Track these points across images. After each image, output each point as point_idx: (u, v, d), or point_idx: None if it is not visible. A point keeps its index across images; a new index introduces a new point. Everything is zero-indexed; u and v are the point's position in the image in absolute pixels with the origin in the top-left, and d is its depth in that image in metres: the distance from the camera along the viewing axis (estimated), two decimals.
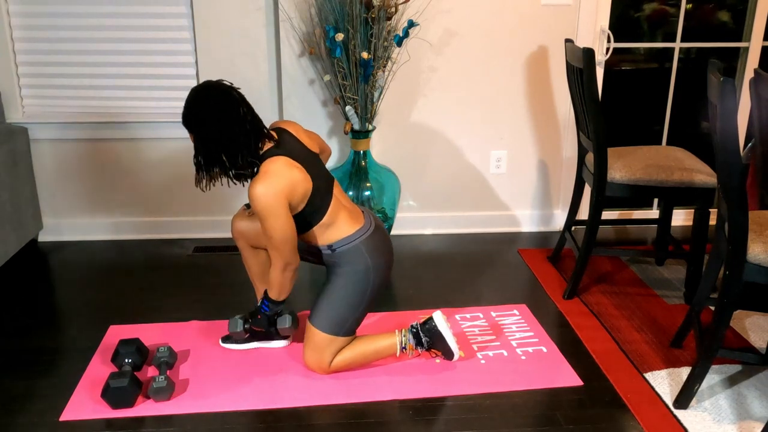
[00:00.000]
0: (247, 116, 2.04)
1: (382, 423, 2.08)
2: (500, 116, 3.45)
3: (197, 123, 2.04)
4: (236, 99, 2.05)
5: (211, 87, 2.04)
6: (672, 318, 2.71)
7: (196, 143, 2.08)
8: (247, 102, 2.09)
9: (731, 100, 1.87)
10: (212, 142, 2.04)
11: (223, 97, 2.03)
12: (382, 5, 2.89)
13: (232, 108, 2.02)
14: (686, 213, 3.78)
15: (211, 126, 2.03)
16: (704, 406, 2.15)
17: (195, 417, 2.09)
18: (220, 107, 2.02)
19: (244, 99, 2.08)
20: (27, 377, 2.30)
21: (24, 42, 3.20)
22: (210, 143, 2.05)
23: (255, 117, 2.09)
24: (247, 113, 2.05)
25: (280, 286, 2.20)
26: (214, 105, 2.02)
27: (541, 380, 2.29)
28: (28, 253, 3.31)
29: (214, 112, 2.02)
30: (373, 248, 2.22)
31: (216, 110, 2.02)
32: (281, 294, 2.23)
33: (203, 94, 2.03)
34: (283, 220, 2.04)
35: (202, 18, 3.17)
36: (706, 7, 3.53)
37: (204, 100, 2.03)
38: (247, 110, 2.06)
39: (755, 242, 1.98)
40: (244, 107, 2.05)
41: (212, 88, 2.04)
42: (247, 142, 2.05)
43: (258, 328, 2.34)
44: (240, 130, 2.03)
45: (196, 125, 2.04)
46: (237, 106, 2.03)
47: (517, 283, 3.02)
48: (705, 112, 3.71)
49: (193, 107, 2.04)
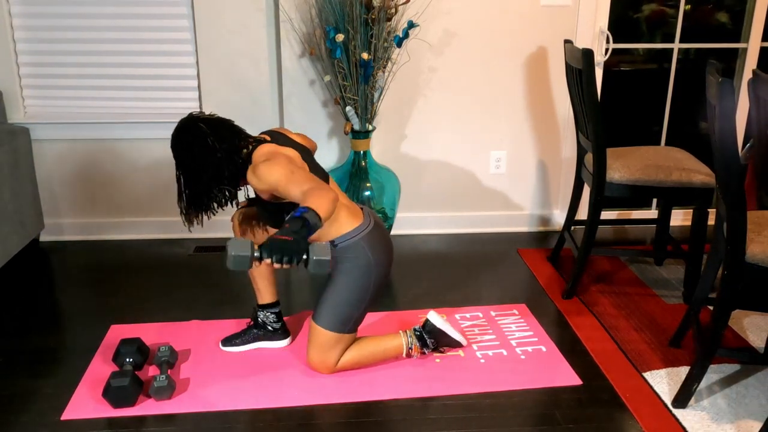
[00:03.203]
0: (215, 144, 2.10)
1: (382, 422, 2.09)
2: (500, 117, 3.46)
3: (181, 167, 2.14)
4: (202, 132, 2.10)
5: (180, 129, 2.13)
6: (671, 318, 2.72)
7: (183, 184, 2.15)
8: (217, 124, 2.13)
9: (730, 100, 1.88)
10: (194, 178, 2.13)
11: (190, 135, 2.10)
12: (383, 6, 2.90)
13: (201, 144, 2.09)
14: (685, 213, 3.79)
15: (190, 166, 2.12)
16: (703, 405, 2.16)
17: (196, 416, 2.10)
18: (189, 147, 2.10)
19: (212, 124, 2.12)
20: (28, 376, 2.31)
21: (26, 42, 3.21)
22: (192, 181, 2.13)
23: (227, 138, 2.12)
24: (216, 140, 2.10)
25: (330, 205, 1.88)
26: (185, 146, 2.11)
27: (541, 379, 2.30)
28: (30, 253, 3.31)
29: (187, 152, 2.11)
30: (375, 244, 2.24)
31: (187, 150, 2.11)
32: (327, 212, 1.87)
33: (174, 141, 2.14)
34: (302, 171, 2.04)
35: (203, 19, 3.18)
36: (705, 8, 3.54)
37: (175, 148, 2.13)
38: (215, 138, 2.10)
39: (754, 242, 1.99)
40: (210, 137, 2.10)
41: (180, 131, 2.13)
42: (219, 169, 2.11)
43: (284, 237, 1.78)
44: (212, 160, 2.10)
45: (183, 169, 2.14)
46: (204, 138, 2.10)
47: (516, 283, 3.03)
48: (704, 113, 3.72)
49: (174, 154, 2.15)
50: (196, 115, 2.14)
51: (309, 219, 1.81)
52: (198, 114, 2.16)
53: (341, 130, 3.40)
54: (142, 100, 3.33)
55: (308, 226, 1.81)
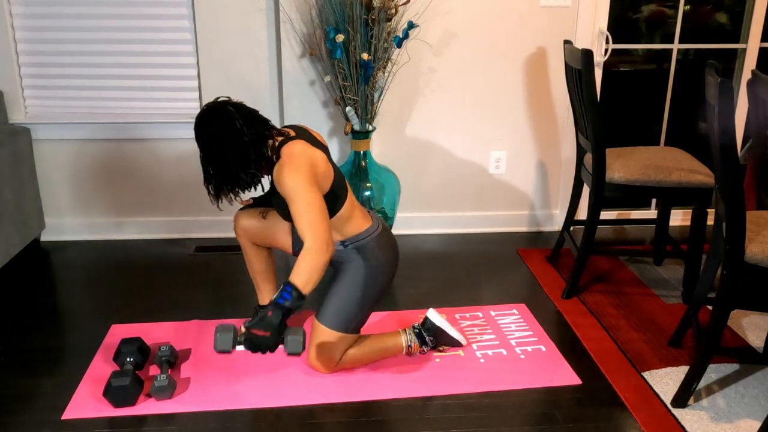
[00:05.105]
0: (243, 128, 2.07)
1: (383, 421, 2.09)
2: (500, 117, 3.47)
3: (204, 147, 2.10)
4: (230, 114, 2.08)
5: (208, 110, 2.10)
6: (670, 317, 2.72)
7: (208, 165, 2.12)
8: (246, 111, 2.11)
9: (729, 100, 1.89)
10: (219, 159, 2.09)
11: (217, 116, 2.08)
12: (382, 7, 2.90)
13: (228, 125, 2.07)
14: (684, 213, 3.80)
15: (214, 147, 2.08)
16: (702, 404, 2.17)
17: (196, 415, 2.11)
18: (216, 128, 2.07)
19: (241, 110, 2.10)
20: (29, 376, 2.31)
21: (27, 43, 3.22)
22: (217, 162, 2.10)
23: (255, 125, 2.11)
24: (245, 124, 2.08)
25: (312, 270, 1.95)
26: (211, 128, 2.08)
27: (540, 379, 2.31)
28: (31, 253, 3.32)
29: (214, 134, 2.08)
30: (383, 246, 2.26)
31: (214, 132, 2.07)
32: (309, 282, 1.95)
33: (200, 120, 2.10)
34: (315, 194, 2.04)
35: (204, 19, 3.19)
36: (704, 8, 3.55)
37: (201, 127, 2.09)
38: (244, 122, 2.08)
39: (753, 242, 2.00)
40: (239, 120, 2.08)
41: (208, 111, 2.10)
42: (246, 153, 2.08)
43: (262, 332, 1.92)
44: (239, 144, 2.07)
45: (205, 150, 2.10)
46: (233, 120, 2.07)
47: (516, 283, 3.04)
48: (703, 113, 3.72)
49: (197, 133, 2.11)
50: (223, 99, 2.12)
51: (291, 308, 1.94)
52: (226, 99, 2.14)
53: (341, 131, 3.40)
54: (143, 100, 3.34)
55: (289, 314, 1.95)
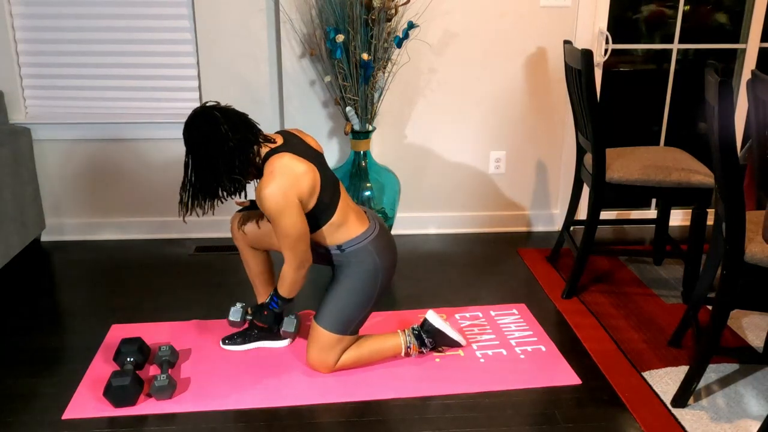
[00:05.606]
0: (228, 133, 2.07)
1: (383, 421, 2.09)
2: (499, 117, 3.47)
3: (191, 152, 2.11)
4: (216, 118, 2.08)
5: (194, 115, 2.11)
6: (670, 317, 2.72)
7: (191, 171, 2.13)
8: (232, 115, 2.11)
9: (728, 101, 1.89)
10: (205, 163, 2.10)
11: (204, 121, 2.08)
12: (383, 7, 2.90)
13: (214, 131, 2.07)
14: (684, 213, 3.80)
15: (201, 151, 2.08)
16: (702, 404, 2.17)
17: (196, 415, 2.11)
18: (203, 133, 2.07)
19: (227, 114, 2.10)
20: (29, 376, 2.31)
21: (27, 43, 3.22)
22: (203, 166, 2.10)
23: (241, 129, 2.10)
24: (230, 129, 2.08)
25: (293, 283, 2.22)
26: (198, 132, 2.08)
27: (540, 379, 2.31)
28: (31, 253, 3.32)
29: (199, 138, 2.08)
30: (381, 248, 2.26)
31: (200, 136, 2.08)
32: (292, 291, 2.24)
33: (186, 125, 2.11)
34: (296, 217, 2.07)
35: (204, 19, 3.19)
36: (704, 8, 3.55)
37: (188, 131, 2.10)
38: (230, 127, 2.08)
39: (753, 242, 2.00)
40: (224, 125, 2.07)
41: (195, 116, 2.10)
42: (231, 159, 2.09)
43: (261, 324, 2.36)
44: (223, 149, 2.07)
45: (192, 154, 2.11)
46: (218, 125, 2.07)
47: (516, 283, 3.04)
48: (703, 113, 3.73)
49: (184, 137, 2.12)
50: (211, 104, 2.13)
51: (279, 307, 2.29)
52: (214, 104, 2.16)
53: (341, 131, 3.40)
54: (143, 101, 3.34)
55: (278, 310, 2.31)
